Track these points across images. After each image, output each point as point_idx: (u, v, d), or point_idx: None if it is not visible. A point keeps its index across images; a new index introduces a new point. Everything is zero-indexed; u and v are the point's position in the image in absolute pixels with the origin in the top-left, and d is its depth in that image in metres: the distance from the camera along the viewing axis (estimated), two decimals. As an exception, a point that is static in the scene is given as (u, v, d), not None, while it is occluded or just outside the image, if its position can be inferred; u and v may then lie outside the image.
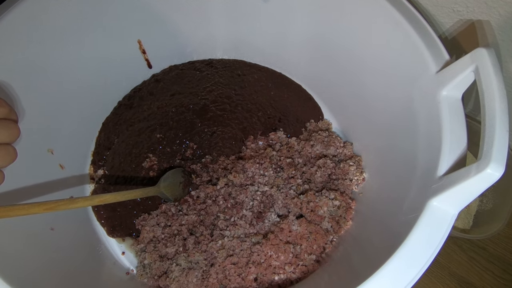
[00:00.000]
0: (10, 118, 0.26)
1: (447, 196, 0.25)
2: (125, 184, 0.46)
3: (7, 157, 0.25)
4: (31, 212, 0.26)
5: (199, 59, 0.56)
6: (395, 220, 0.31)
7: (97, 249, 0.42)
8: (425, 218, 0.26)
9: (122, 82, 0.52)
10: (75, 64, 0.43)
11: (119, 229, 0.44)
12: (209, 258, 0.39)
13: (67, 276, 0.34)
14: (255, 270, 0.37)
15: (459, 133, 0.28)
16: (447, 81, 0.30)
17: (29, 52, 0.37)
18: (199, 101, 0.50)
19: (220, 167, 0.45)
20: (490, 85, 0.25)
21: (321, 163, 0.44)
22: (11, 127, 0.25)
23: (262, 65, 0.56)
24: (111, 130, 0.51)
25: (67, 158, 0.44)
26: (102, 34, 0.44)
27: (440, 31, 0.43)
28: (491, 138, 0.24)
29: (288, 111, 0.51)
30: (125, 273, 0.41)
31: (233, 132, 0.48)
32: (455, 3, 0.39)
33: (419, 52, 0.33)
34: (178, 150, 0.47)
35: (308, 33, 0.47)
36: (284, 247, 0.38)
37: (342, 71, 0.46)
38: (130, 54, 0.50)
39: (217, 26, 0.52)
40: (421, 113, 0.33)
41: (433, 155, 0.29)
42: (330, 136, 0.48)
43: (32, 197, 0.37)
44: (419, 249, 0.25)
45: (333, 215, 0.41)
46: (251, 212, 0.41)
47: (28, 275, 0.29)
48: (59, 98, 0.42)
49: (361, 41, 0.41)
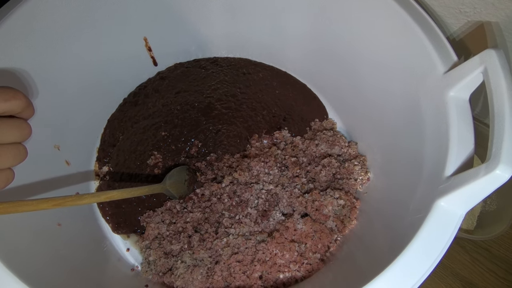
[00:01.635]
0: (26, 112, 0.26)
1: (454, 197, 0.25)
2: (130, 181, 0.46)
3: (18, 156, 0.25)
4: (39, 208, 0.27)
5: (204, 57, 0.56)
6: (400, 220, 0.31)
7: (102, 245, 0.43)
8: (432, 219, 0.26)
9: (127, 79, 0.52)
10: (81, 61, 0.43)
11: (124, 225, 0.44)
12: (214, 256, 0.39)
13: (73, 271, 0.35)
14: (260, 268, 0.37)
15: (467, 134, 0.29)
16: (455, 82, 0.30)
17: (35, 49, 0.37)
18: (204, 99, 0.50)
19: (225, 165, 0.45)
20: (499, 87, 0.25)
21: (326, 162, 0.44)
22: (23, 127, 0.25)
23: (267, 64, 0.56)
24: (116, 127, 0.51)
25: (73, 154, 0.44)
26: (109, 31, 0.45)
27: (448, 32, 0.43)
28: (500, 139, 0.24)
29: (293, 110, 0.51)
30: (130, 270, 0.42)
31: (238, 131, 0.48)
32: (462, 4, 0.39)
33: (427, 53, 0.33)
34: (183, 147, 0.47)
35: (313, 33, 0.47)
36: (289, 245, 0.38)
37: (347, 71, 0.46)
38: (136, 51, 0.50)
39: (222, 25, 0.52)
40: (428, 114, 0.33)
41: (440, 156, 0.29)
42: (335, 136, 0.48)
43: (39, 193, 0.37)
44: (425, 250, 0.25)
45: (337, 214, 0.41)
46: (256, 210, 0.41)
47: (36, 270, 0.29)
48: (66, 94, 0.42)
49: (368, 41, 0.41)
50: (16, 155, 0.25)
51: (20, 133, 0.25)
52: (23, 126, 0.25)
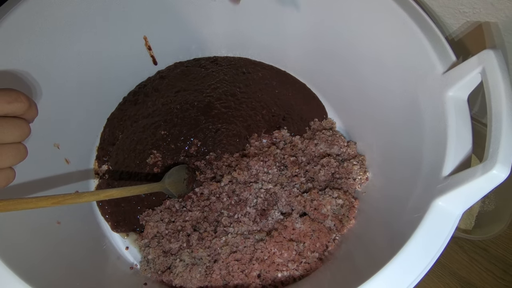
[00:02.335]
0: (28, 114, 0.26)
1: (452, 196, 0.25)
2: (129, 179, 0.46)
3: (18, 155, 0.26)
4: (39, 206, 0.27)
5: (204, 56, 0.56)
6: (398, 220, 0.31)
7: (101, 243, 0.43)
8: (430, 218, 0.26)
9: (127, 78, 0.52)
10: (81, 59, 0.43)
11: (123, 224, 0.45)
12: (213, 254, 0.39)
13: (72, 269, 0.35)
14: (258, 267, 0.37)
15: (465, 134, 0.29)
16: (454, 82, 0.30)
17: (35, 48, 0.37)
18: (203, 98, 0.50)
19: (224, 164, 0.46)
20: (497, 87, 0.25)
21: (325, 162, 0.44)
22: (23, 127, 0.26)
23: (267, 63, 0.56)
24: (115, 126, 0.51)
25: (73, 152, 0.44)
26: (109, 30, 0.45)
27: (447, 32, 0.43)
28: (498, 139, 0.24)
29: (292, 110, 0.52)
30: (129, 268, 0.42)
31: (237, 130, 0.48)
32: (461, 4, 0.39)
33: (426, 53, 0.33)
34: (182, 146, 0.47)
35: (312, 33, 0.47)
36: (287, 244, 0.38)
37: (346, 71, 0.46)
38: (135, 50, 0.50)
39: (222, 24, 0.52)
40: (427, 113, 0.33)
41: (438, 155, 0.29)
42: (334, 135, 0.48)
43: (38, 190, 0.37)
44: (423, 249, 0.25)
45: (336, 214, 0.41)
46: (254, 209, 0.41)
47: (35, 267, 0.29)
48: (66, 93, 0.42)
49: (368, 41, 0.41)
50: (16, 154, 0.25)
51: (20, 132, 0.25)
52: (23, 125, 0.26)
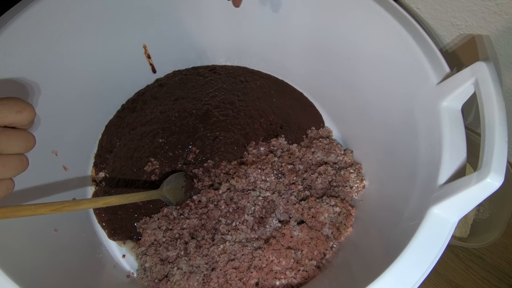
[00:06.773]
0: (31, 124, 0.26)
1: (447, 204, 0.26)
2: (126, 187, 0.46)
3: (20, 167, 0.25)
4: (37, 213, 0.27)
5: (202, 64, 0.57)
6: (395, 228, 0.32)
7: (98, 251, 0.42)
8: (426, 226, 0.26)
9: (126, 85, 0.52)
10: (80, 67, 0.43)
11: (120, 232, 0.44)
12: (211, 262, 0.39)
13: (68, 277, 0.34)
14: (256, 275, 0.37)
15: (459, 143, 0.29)
16: (448, 93, 0.31)
17: (35, 56, 0.37)
18: (202, 106, 0.51)
19: (222, 172, 0.46)
20: (490, 98, 0.26)
21: (322, 170, 0.45)
22: (29, 139, 0.25)
23: (265, 72, 0.57)
24: (113, 133, 0.51)
25: (71, 160, 0.44)
26: (109, 38, 0.45)
27: (441, 44, 0.44)
28: (491, 148, 0.24)
29: (290, 118, 0.52)
30: (125, 276, 0.41)
31: (235, 138, 0.48)
32: (455, 17, 0.40)
33: (420, 64, 0.34)
34: (180, 154, 0.47)
35: (309, 42, 0.48)
36: (285, 252, 0.38)
37: (342, 81, 0.47)
38: (135, 58, 0.50)
39: (221, 33, 0.53)
40: (422, 123, 0.34)
41: (433, 164, 0.30)
42: (331, 144, 0.48)
43: (36, 197, 0.37)
44: (419, 257, 0.26)
45: (333, 222, 0.41)
46: (252, 217, 0.42)
47: (32, 274, 0.29)
48: (64, 100, 0.42)
49: (363, 52, 0.42)
50: (18, 166, 0.25)
51: (26, 144, 0.25)
52: (29, 138, 0.25)
